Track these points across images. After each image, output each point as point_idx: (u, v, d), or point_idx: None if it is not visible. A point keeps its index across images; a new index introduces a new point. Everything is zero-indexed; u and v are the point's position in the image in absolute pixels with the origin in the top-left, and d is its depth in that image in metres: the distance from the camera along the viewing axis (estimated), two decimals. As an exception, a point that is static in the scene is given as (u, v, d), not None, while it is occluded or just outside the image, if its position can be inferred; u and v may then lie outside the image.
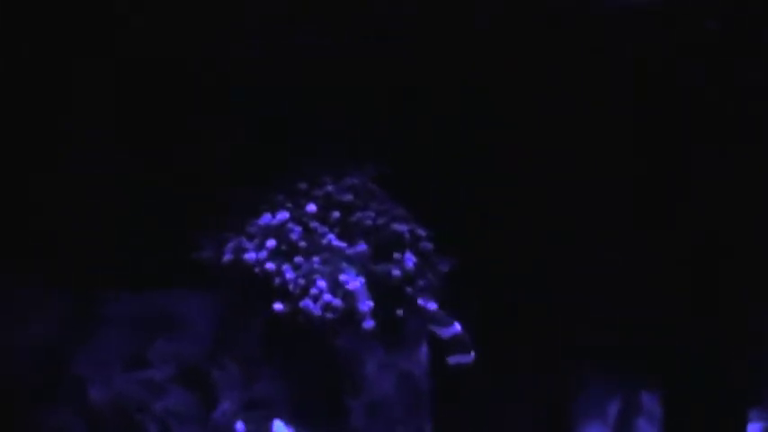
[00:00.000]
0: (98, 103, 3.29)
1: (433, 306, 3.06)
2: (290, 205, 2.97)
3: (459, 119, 3.35)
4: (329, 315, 2.85)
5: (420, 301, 3.00)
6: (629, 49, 3.19)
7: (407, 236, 3.00)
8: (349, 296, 2.88)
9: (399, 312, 3.01)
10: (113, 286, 3.36)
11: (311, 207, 2.94)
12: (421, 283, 2.97)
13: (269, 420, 3.18)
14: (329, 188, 2.99)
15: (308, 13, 3.04)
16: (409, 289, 2.98)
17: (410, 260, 2.96)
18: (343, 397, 3.08)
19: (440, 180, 3.28)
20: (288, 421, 3.18)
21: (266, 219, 2.94)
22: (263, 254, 2.90)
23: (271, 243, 2.90)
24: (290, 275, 2.84)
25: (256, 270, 2.93)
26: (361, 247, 2.92)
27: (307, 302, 2.84)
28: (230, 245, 2.94)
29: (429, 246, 3.02)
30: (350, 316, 2.86)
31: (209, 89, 3.17)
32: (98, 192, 3.38)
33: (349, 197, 2.98)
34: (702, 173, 3.38)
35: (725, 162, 3.34)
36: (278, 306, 2.87)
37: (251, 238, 2.94)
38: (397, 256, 2.95)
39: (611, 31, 3.15)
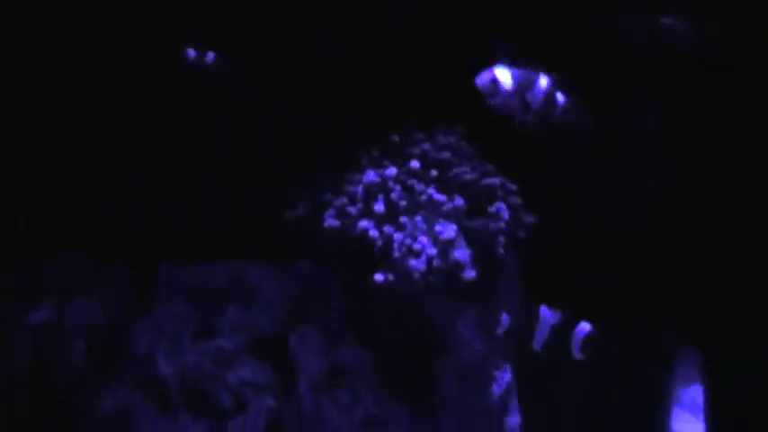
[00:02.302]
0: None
1: None
2: (386, 162, 2.90)
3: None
4: (432, 276, 2.80)
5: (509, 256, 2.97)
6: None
7: (500, 190, 2.97)
8: (446, 246, 2.81)
9: (495, 268, 2.95)
10: (175, 257, 3.23)
11: (414, 164, 2.88)
12: (515, 235, 2.94)
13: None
14: (426, 146, 2.94)
15: None
16: (503, 243, 2.94)
17: (505, 213, 2.92)
18: (434, 362, 3.03)
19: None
20: (374, 390, 3.11)
21: (370, 176, 2.86)
22: (371, 221, 2.82)
23: (379, 207, 2.83)
24: (397, 237, 2.78)
25: (359, 235, 2.85)
26: (458, 201, 2.88)
27: (411, 263, 2.77)
28: (331, 210, 2.85)
29: (517, 200, 3.00)
30: (451, 270, 2.81)
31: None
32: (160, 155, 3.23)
33: (447, 155, 2.93)
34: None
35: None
36: (379, 277, 2.80)
37: (353, 199, 2.86)
38: (492, 209, 2.91)
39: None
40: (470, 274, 2.87)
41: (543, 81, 2.65)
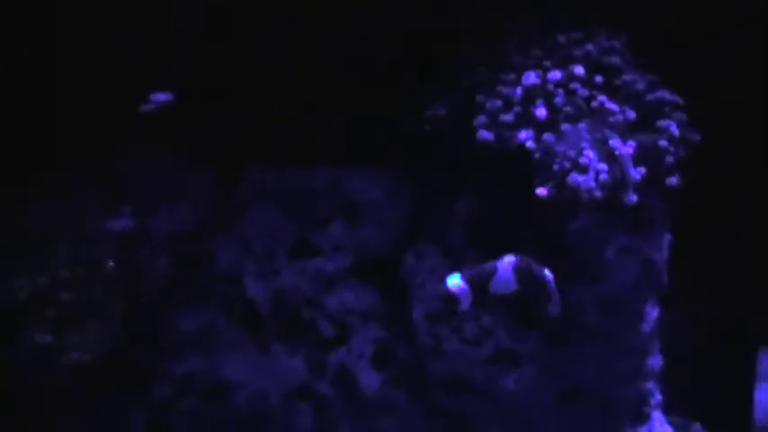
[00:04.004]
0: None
1: None
2: (548, 63, 2.48)
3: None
4: (598, 192, 2.39)
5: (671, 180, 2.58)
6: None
7: (668, 105, 2.57)
8: (621, 163, 2.44)
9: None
10: (267, 160, 2.76)
11: (579, 69, 2.46)
12: (681, 154, 2.54)
13: None
14: (589, 47, 2.51)
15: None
16: (671, 165, 2.55)
17: (675, 129, 2.52)
18: (576, 290, 2.64)
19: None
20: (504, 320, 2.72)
21: (532, 78, 2.43)
22: (529, 132, 2.41)
23: (541, 113, 2.41)
24: (560, 147, 2.36)
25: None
26: (630, 114, 2.48)
27: (578, 179, 2.37)
28: (481, 117, 2.43)
29: (683, 116, 2.60)
30: (617, 188, 2.41)
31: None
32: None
33: (616, 59, 2.52)
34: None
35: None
36: (542, 191, 2.41)
37: (508, 103, 2.44)
38: (661, 124, 2.51)
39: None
40: (633, 198, 2.51)
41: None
